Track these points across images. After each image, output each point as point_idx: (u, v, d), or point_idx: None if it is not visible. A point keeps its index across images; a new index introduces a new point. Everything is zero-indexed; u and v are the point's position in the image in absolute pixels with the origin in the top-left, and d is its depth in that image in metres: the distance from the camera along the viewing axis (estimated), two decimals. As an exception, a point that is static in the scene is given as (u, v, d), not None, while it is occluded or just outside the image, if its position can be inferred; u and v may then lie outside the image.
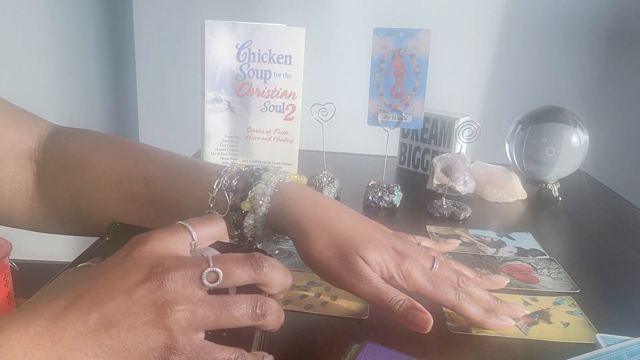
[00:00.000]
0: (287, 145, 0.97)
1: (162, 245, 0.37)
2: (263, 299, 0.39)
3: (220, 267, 0.37)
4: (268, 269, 0.39)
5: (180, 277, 0.35)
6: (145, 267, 0.35)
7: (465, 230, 0.77)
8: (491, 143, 1.00)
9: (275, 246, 0.68)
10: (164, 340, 0.35)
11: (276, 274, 0.40)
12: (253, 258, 0.39)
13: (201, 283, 0.36)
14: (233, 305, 0.37)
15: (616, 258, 0.72)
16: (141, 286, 0.34)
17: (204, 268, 0.36)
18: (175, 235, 0.39)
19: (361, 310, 0.54)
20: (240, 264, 0.38)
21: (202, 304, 0.36)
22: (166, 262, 0.36)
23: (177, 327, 0.35)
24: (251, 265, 0.38)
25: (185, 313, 0.35)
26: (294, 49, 0.93)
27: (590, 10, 1.55)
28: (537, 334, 0.52)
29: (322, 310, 0.54)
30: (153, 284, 0.35)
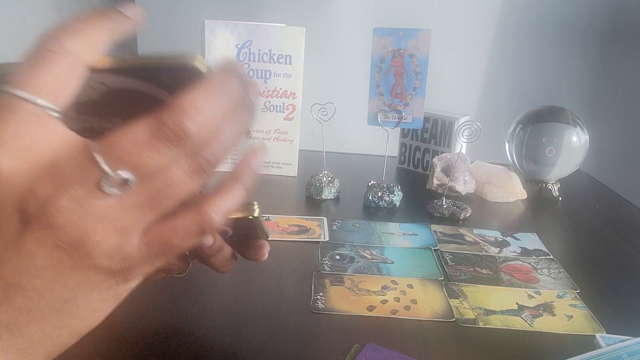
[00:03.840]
0: (287, 145, 0.97)
1: (9, 155, 0.24)
2: (200, 147, 0.26)
3: (122, 165, 0.24)
4: (197, 128, 0.24)
5: (69, 204, 0.24)
6: (13, 208, 0.25)
7: (470, 229, 0.78)
8: (491, 143, 0.99)
9: (335, 251, 0.68)
10: (103, 272, 0.27)
11: (215, 122, 0.26)
12: (164, 126, 0.24)
13: (104, 194, 0.25)
14: (163, 184, 0.26)
15: (616, 258, 0.72)
16: (26, 235, 0.25)
17: (97, 176, 0.24)
18: (16, 120, 0.24)
19: (446, 312, 0.55)
20: (150, 146, 0.24)
21: (122, 213, 0.26)
22: (36, 189, 0.24)
23: (108, 256, 0.26)
24: (169, 142, 0.24)
25: (108, 238, 0.26)
26: (294, 49, 0.93)
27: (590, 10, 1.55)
28: (541, 326, 0.53)
29: (408, 314, 0.54)
30: (38, 227, 0.25)
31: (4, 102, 0.24)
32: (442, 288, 0.60)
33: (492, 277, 0.63)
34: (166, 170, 0.25)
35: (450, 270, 0.65)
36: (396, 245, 0.71)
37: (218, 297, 0.57)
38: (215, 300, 0.56)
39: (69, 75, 0.25)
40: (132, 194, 0.25)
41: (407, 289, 0.59)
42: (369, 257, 0.67)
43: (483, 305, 0.57)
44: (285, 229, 0.74)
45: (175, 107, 0.24)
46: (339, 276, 0.61)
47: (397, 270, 0.64)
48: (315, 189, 0.87)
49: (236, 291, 0.58)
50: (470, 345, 0.50)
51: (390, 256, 0.67)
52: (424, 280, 0.62)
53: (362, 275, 0.62)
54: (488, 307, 0.56)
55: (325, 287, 0.59)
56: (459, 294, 0.59)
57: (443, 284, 0.61)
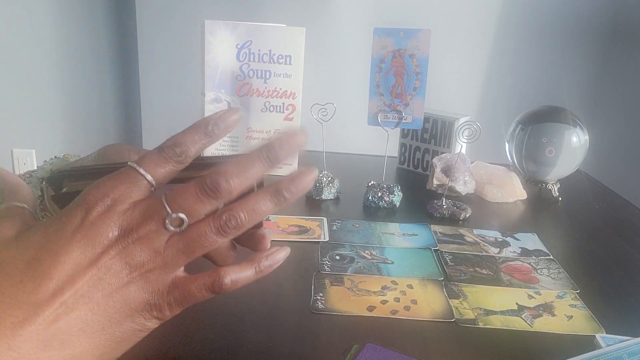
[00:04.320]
0: (287, 145, 0.97)
1: (118, 201, 0.34)
2: (226, 211, 0.34)
3: (179, 210, 0.34)
4: (227, 186, 0.34)
5: (143, 236, 0.33)
6: (106, 234, 0.33)
7: (470, 229, 0.78)
8: (491, 143, 1.00)
9: (335, 252, 0.68)
10: (142, 298, 0.34)
11: (240, 186, 0.35)
12: (203, 181, 0.34)
13: (167, 231, 0.34)
14: (196, 234, 0.34)
15: (616, 258, 0.72)
16: (107, 254, 0.33)
17: (164, 216, 0.33)
18: (130, 185, 0.34)
19: (446, 312, 0.55)
20: (196, 196, 0.34)
21: (168, 252, 0.34)
22: (124, 223, 0.33)
23: (150, 284, 0.34)
24: (206, 193, 0.34)
25: (156, 269, 0.34)
26: (294, 49, 0.93)
27: (590, 10, 1.55)
28: (541, 326, 0.53)
29: (408, 314, 0.55)
30: (118, 249, 0.33)
31: (130, 173, 0.34)
32: (442, 288, 0.60)
33: (492, 278, 0.63)
34: (200, 224, 0.34)
35: (450, 270, 0.65)
36: (396, 246, 0.71)
37: (218, 297, 0.57)
38: (215, 300, 0.56)
39: (170, 174, 0.35)
40: (177, 239, 0.34)
41: (407, 289, 0.59)
42: (369, 257, 0.67)
43: (483, 305, 0.57)
44: (285, 229, 0.74)
45: (213, 172, 0.34)
46: (339, 276, 0.61)
47: (397, 270, 0.64)
48: (315, 189, 0.87)
49: (236, 291, 0.57)
50: (470, 345, 0.50)
51: (390, 256, 0.67)
52: (424, 281, 0.62)
53: (362, 276, 0.62)
54: (488, 308, 0.56)
55: (325, 287, 0.59)
56: (459, 294, 0.59)
57: (443, 284, 0.61)
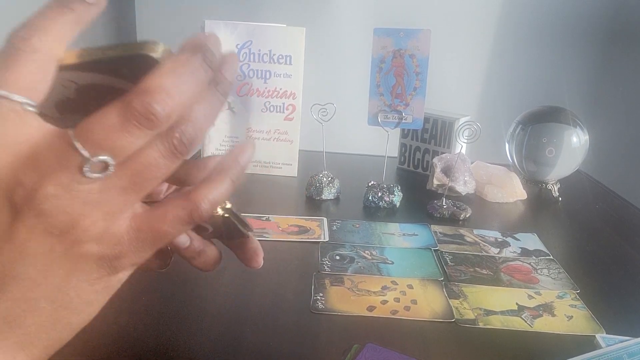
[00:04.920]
0: (287, 145, 0.97)
1: None
2: (175, 127, 0.27)
3: (100, 150, 0.25)
4: (166, 109, 0.25)
5: (56, 191, 0.25)
6: (3, 198, 0.26)
7: (470, 230, 0.78)
8: (491, 143, 0.99)
9: (335, 252, 0.68)
10: (93, 259, 0.28)
11: (183, 102, 0.26)
12: (132, 109, 0.25)
13: (88, 179, 0.26)
14: (142, 166, 0.27)
15: (616, 258, 0.72)
16: (16, 224, 0.26)
17: (78, 162, 0.25)
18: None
19: (446, 312, 0.55)
20: (123, 130, 0.25)
21: (106, 196, 0.26)
22: (22, 178, 0.25)
23: (97, 241, 0.27)
24: (140, 125, 0.25)
25: (96, 222, 0.27)
26: (294, 49, 0.93)
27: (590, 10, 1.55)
28: (541, 327, 0.53)
29: (408, 314, 0.55)
30: (27, 215, 0.25)
31: None
32: (442, 288, 0.60)
33: (492, 278, 0.63)
34: (143, 152, 0.26)
35: (450, 270, 0.65)
36: (396, 246, 0.71)
37: (218, 297, 0.57)
38: (215, 300, 0.56)
39: (41, 72, 0.26)
40: (114, 177, 0.26)
41: (407, 290, 0.59)
42: (369, 257, 0.67)
43: (483, 305, 0.57)
44: (285, 229, 0.74)
45: (141, 90, 0.25)
46: (339, 276, 0.61)
47: (397, 270, 0.64)
48: (315, 189, 0.87)
49: (236, 291, 0.58)
50: (470, 345, 0.50)
51: (390, 256, 0.67)
52: (424, 281, 0.62)
53: (362, 276, 0.62)
54: (488, 308, 0.56)
55: (325, 287, 0.59)
56: (459, 295, 0.59)
57: (443, 285, 0.61)
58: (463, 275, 0.63)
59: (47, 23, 0.27)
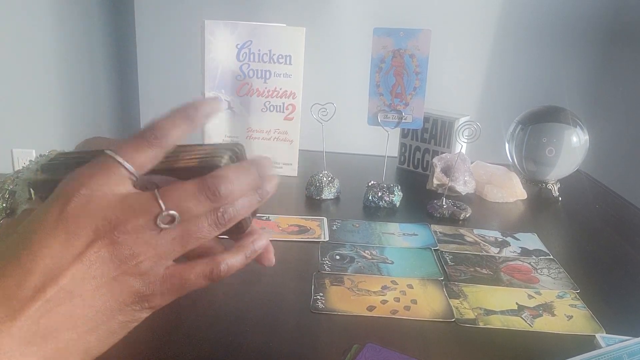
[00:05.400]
0: (287, 145, 0.97)
1: (97, 192, 0.33)
2: (222, 207, 0.35)
3: (173, 207, 0.33)
4: (226, 192, 0.34)
5: (132, 230, 0.32)
6: (89, 227, 0.32)
7: (470, 229, 0.78)
8: (491, 143, 1.00)
9: (335, 251, 0.68)
10: (132, 292, 0.33)
11: (238, 192, 0.35)
12: (206, 186, 0.34)
13: (156, 227, 0.33)
14: (193, 227, 0.34)
15: (616, 258, 0.72)
16: (91, 248, 0.32)
17: (156, 213, 0.33)
18: (108, 175, 0.33)
19: (446, 312, 0.55)
20: (194, 197, 0.34)
21: (161, 243, 0.33)
22: (110, 216, 0.32)
23: (141, 276, 0.33)
24: (207, 196, 0.34)
25: (147, 261, 0.33)
26: (294, 49, 0.93)
27: (590, 10, 1.55)
28: (542, 326, 0.53)
29: (408, 314, 0.55)
30: (103, 243, 0.32)
31: (107, 161, 0.34)
32: (442, 288, 0.60)
33: (492, 277, 0.63)
34: (197, 218, 0.34)
35: (450, 270, 0.65)
36: (396, 246, 0.71)
37: (218, 297, 0.57)
38: (215, 300, 0.56)
39: (153, 160, 0.35)
40: (171, 230, 0.34)
41: (407, 289, 0.59)
42: (369, 257, 0.67)
43: (483, 305, 0.57)
44: (285, 229, 0.74)
45: (215, 176, 0.34)
46: (339, 276, 0.61)
47: (397, 270, 0.64)
48: (315, 189, 0.87)
49: (236, 291, 0.58)
50: (470, 345, 0.50)
51: (390, 256, 0.67)
52: (424, 281, 0.62)
53: (362, 276, 0.62)
54: (488, 307, 0.56)
55: (325, 287, 0.59)
56: (459, 294, 0.59)
57: (443, 284, 0.61)
58: (463, 275, 0.63)
59: (173, 128, 0.36)
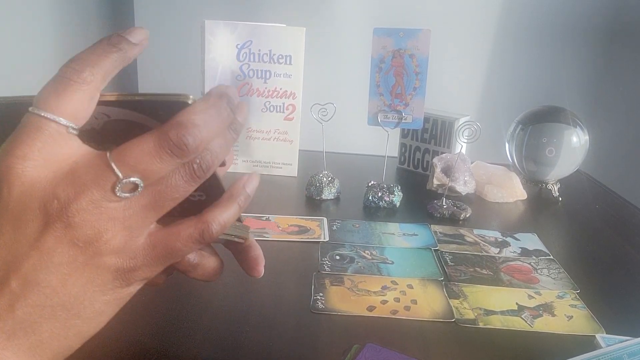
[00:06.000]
0: (287, 145, 0.97)
1: (37, 164, 0.28)
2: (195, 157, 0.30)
3: (133, 172, 0.28)
4: (195, 142, 0.29)
5: (87, 206, 0.28)
6: (36, 209, 0.28)
7: (470, 229, 0.78)
8: (491, 143, 0.99)
9: (335, 252, 0.68)
10: (110, 271, 0.30)
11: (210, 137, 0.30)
12: (167, 139, 0.28)
13: (117, 197, 0.28)
14: (165, 187, 0.29)
15: (616, 258, 0.72)
16: (46, 234, 0.28)
17: (112, 181, 0.28)
18: (41, 137, 0.28)
19: (446, 312, 0.55)
20: (156, 156, 0.28)
21: (130, 213, 0.29)
22: (58, 192, 0.28)
23: (115, 254, 0.30)
24: (172, 152, 0.28)
25: (117, 236, 0.29)
26: (294, 49, 0.93)
27: (590, 10, 1.55)
28: (542, 327, 0.53)
29: (408, 314, 0.55)
30: (58, 226, 0.28)
31: (32, 122, 0.28)
32: (442, 288, 0.60)
33: (492, 278, 0.63)
34: (167, 176, 0.29)
35: (450, 270, 0.65)
36: (396, 246, 0.71)
37: (218, 298, 0.57)
38: (215, 300, 0.56)
39: (86, 102, 0.29)
40: (139, 197, 0.29)
41: (407, 289, 0.59)
42: (369, 257, 0.67)
43: (483, 305, 0.57)
44: (285, 229, 0.74)
45: (176, 124, 0.29)
46: (339, 276, 0.61)
47: (397, 270, 0.64)
48: (315, 189, 0.87)
49: (236, 291, 0.58)
50: (470, 345, 0.50)
51: (390, 256, 0.67)
52: (424, 281, 0.62)
53: (362, 276, 0.62)
54: (488, 308, 0.56)
55: (325, 287, 0.59)
56: (459, 294, 0.59)
57: (443, 284, 0.61)
58: (463, 275, 0.63)
59: (97, 59, 0.30)
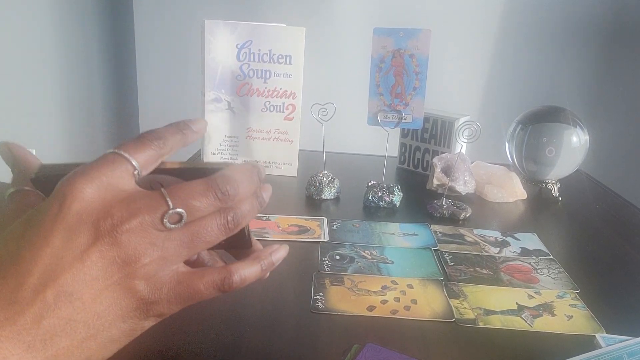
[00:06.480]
0: (287, 145, 0.97)
1: (100, 187, 0.31)
2: (230, 209, 0.34)
3: (181, 206, 0.32)
4: (234, 192, 0.34)
5: (136, 227, 0.31)
6: (90, 224, 0.30)
7: (470, 229, 0.78)
8: (491, 143, 1.00)
9: (335, 251, 0.68)
10: (136, 297, 0.32)
11: (243, 194, 0.35)
12: (215, 184, 0.33)
13: (163, 226, 0.32)
14: (202, 229, 0.33)
15: (616, 258, 0.72)
16: (93, 248, 0.30)
17: (163, 211, 0.31)
18: (113, 168, 0.32)
19: (446, 312, 0.55)
20: (203, 195, 0.33)
21: (168, 244, 0.32)
22: (114, 212, 0.31)
23: (146, 280, 0.32)
24: (216, 195, 0.33)
25: (152, 263, 0.32)
26: (294, 49, 0.93)
27: (590, 10, 1.55)
28: (542, 326, 0.53)
29: (408, 314, 0.55)
30: (105, 242, 0.30)
31: (109, 157, 0.33)
32: (442, 288, 0.60)
33: (492, 277, 0.63)
34: (205, 219, 0.33)
35: (450, 270, 0.65)
36: (396, 246, 0.71)
37: (218, 298, 0.57)
38: (215, 300, 0.56)
39: (153, 160, 0.34)
40: (179, 231, 0.32)
41: (407, 289, 0.59)
42: (369, 257, 0.67)
43: (483, 305, 0.57)
44: (285, 229, 0.74)
45: (222, 175, 0.34)
46: (339, 276, 0.61)
47: (397, 270, 0.64)
48: (315, 189, 0.87)
49: (236, 291, 0.57)
50: (470, 345, 0.50)
51: (390, 256, 0.67)
52: (424, 281, 0.62)
53: (362, 276, 0.62)
54: (488, 307, 0.56)
55: (325, 287, 0.59)
56: (459, 294, 0.59)
57: (443, 284, 0.61)
58: (463, 275, 0.63)
59: (168, 135, 0.35)
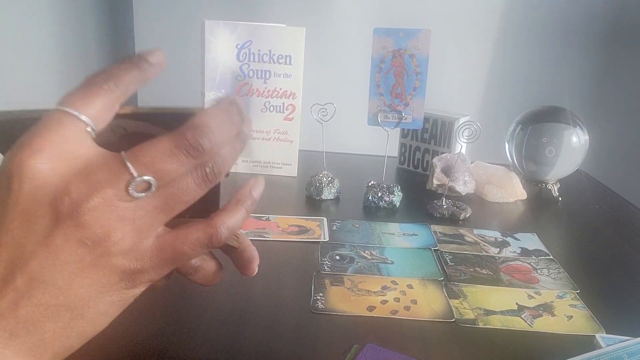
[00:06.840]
0: (287, 145, 0.97)
1: (51, 158, 0.28)
2: (206, 161, 0.30)
3: (147, 171, 0.28)
4: (210, 144, 0.29)
5: (99, 204, 0.28)
6: (47, 205, 0.28)
7: (470, 229, 0.78)
8: (491, 143, 0.99)
9: (335, 252, 0.68)
10: (117, 272, 0.30)
11: (222, 141, 0.30)
12: (184, 140, 0.29)
13: (129, 197, 0.28)
14: (177, 190, 0.30)
15: (616, 258, 0.72)
16: (55, 232, 0.28)
17: (126, 180, 0.28)
18: (61, 131, 0.28)
19: (446, 312, 0.55)
20: (172, 156, 0.29)
21: (140, 214, 0.29)
22: (71, 188, 0.28)
23: (123, 255, 0.29)
24: (187, 153, 0.29)
25: (126, 238, 0.29)
26: (294, 49, 0.93)
27: (590, 10, 1.55)
28: (541, 326, 0.53)
29: (408, 314, 0.55)
30: (67, 224, 0.28)
31: (54, 116, 0.29)
32: (442, 288, 0.60)
33: (492, 278, 0.63)
34: (179, 178, 0.30)
35: (450, 270, 0.65)
36: (396, 246, 0.71)
37: (218, 298, 0.57)
38: (215, 300, 0.56)
39: (107, 108, 0.30)
40: (150, 198, 0.29)
41: (407, 289, 0.59)
42: (368, 257, 0.67)
43: (483, 305, 0.57)
44: (285, 229, 0.74)
45: (192, 126, 0.29)
46: (339, 276, 0.61)
47: (397, 270, 0.64)
48: (315, 189, 0.87)
49: (236, 291, 0.58)
50: (470, 345, 0.50)
51: (390, 256, 0.67)
52: (424, 281, 0.62)
53: (362, 276, 0.62)
54: (488, 308, 0.56)
55: (325, 287, 0.59)
56: (459, 294, 0.59)
57: (443, 284, 0.61)
58: (463, 275, 0.63)
59: (120, 73, 0.31)
